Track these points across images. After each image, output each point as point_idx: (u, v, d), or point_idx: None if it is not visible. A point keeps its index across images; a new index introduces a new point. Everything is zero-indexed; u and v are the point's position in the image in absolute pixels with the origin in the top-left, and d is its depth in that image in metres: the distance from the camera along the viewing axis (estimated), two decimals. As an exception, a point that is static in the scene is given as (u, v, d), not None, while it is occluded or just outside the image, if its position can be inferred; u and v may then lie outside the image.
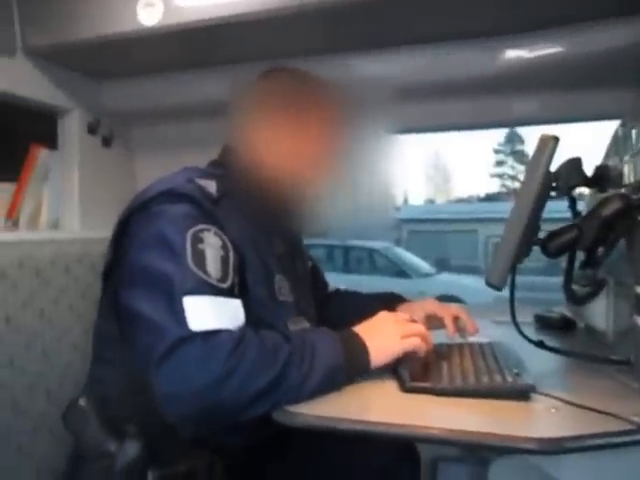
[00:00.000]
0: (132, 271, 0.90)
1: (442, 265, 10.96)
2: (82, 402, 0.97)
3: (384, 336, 0.93)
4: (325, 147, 1.10)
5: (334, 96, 1.13)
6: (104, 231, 1.05)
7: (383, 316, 0.98)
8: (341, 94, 1.14)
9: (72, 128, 1.54)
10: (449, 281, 8.40)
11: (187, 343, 0.78)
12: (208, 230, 0.90)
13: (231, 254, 0.91)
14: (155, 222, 0.90)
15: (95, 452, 0.93)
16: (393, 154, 1.22)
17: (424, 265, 9.47)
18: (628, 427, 0.73)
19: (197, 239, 0.88)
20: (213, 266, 0.87)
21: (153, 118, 1.69)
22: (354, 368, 0.90)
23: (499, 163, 30.05)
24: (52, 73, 1.43)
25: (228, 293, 0.87)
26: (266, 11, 1.16)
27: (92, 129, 1.58)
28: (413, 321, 1.00)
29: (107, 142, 1.65)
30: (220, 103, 1.48)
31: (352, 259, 9.34)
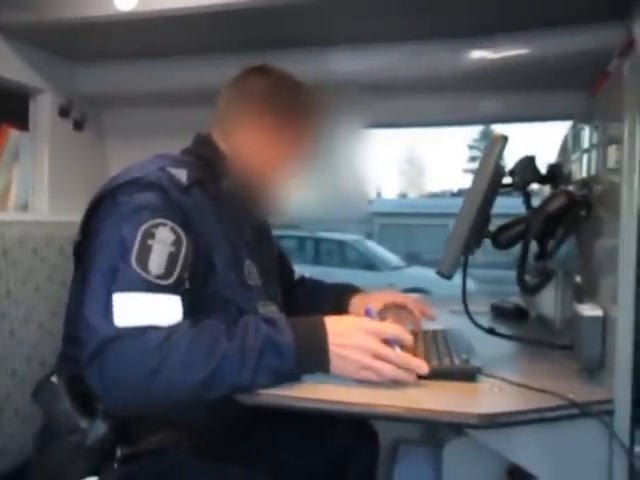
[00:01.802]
0: (88, 263, 0.94)
1: (413, 259, 11.07)
2: (54, 379, 0.99)
3: (351, 360, 0.87)
4: (299, 143, 1.15)
5: (310, 96, 1.18)
6: (73, 215, 1.07)
7: (366, 339, 0.88)
8: (317, 94, 1.19)
9: (43, 110, 1.53)
10: (418, 274, 8.49)
11: (113, 342, 0.81)
12: (163, 225, 0.92)
13: (183, 249, 0.93)
14: (116, 214, 0.94)
15: (66, 428, 0.96)
16: (366, 148, 1.26)
17: (394, 258, 9.56)
18: (563, 403, 0.80)
19: (148, 234, 0.90)
20: (156, 263, 0.89)
21: (126, 103, 1.69)
22: (308, 372, 0.88)
23: (473, 159, 30.35)
24: (25, 52, 1.42)
25: (169, 289, 0.89)
26: (243, 2, 1.18)
27: (64, 112, 1.57)
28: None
29: (79, 126, 1.64)
30: (193, 91, 1.50)
31: (323, 251, 9.38)
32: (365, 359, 0.86)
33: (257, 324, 0.88)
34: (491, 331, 1.07)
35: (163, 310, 0.87)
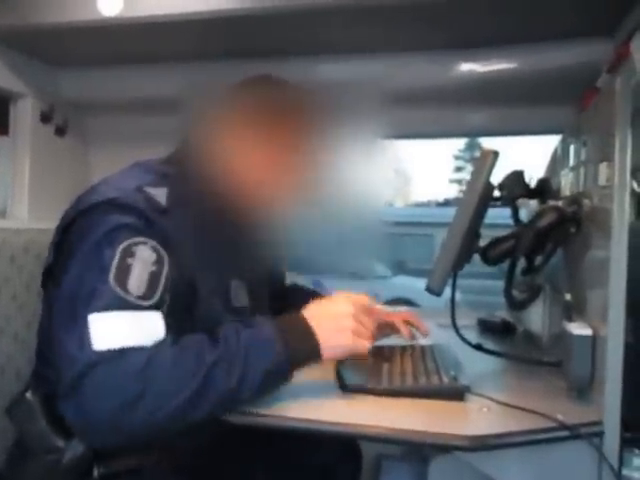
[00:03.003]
0: (63, 285, 0.87)
1: (398, 268, 11.07)
2: (29, 396, 0.95)
3: (337, 329, 0.88)
4: (294, 162, 1.08)
5: (311, 111, 1.11)
6: (53, 222, 1.03)
7: (342, 304, 0.91)
8: (317, 108, 1.12)
9: (25, 115, 1.50)
10: (404, 284, 8.50)
11: (92, 371, 0.76)
12: (144, 243, 0.88)
13: (165, 269, 0.88)
14: (93, 233, 0.87)
15: (41, 447, 0.92)
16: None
17: (380, 267, 9.57)
18: (552, 424, 0.79)
19: (128, 253, 0.85)
20: (136, 282, 0.84)
21: (110, 109, 1.66)
22: (300, 363, 0.87)
23: (458, 169, 30.66)
24: (6, 57, 1.39)
25: (149, 309, 0.84)
26: (228, 10, 1.16)
27: (46, 117, 1.54)
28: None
29: (61, 131, 1.61)
30: (178, 99, 1.48)
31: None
32: (354, 322, 0.89)
33: (236, 328, 0.87)
34: (479, 347, 1.06)
35: (146, 328, 0.83)
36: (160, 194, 0.95)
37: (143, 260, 0.86)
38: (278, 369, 0.85)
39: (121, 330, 0.80)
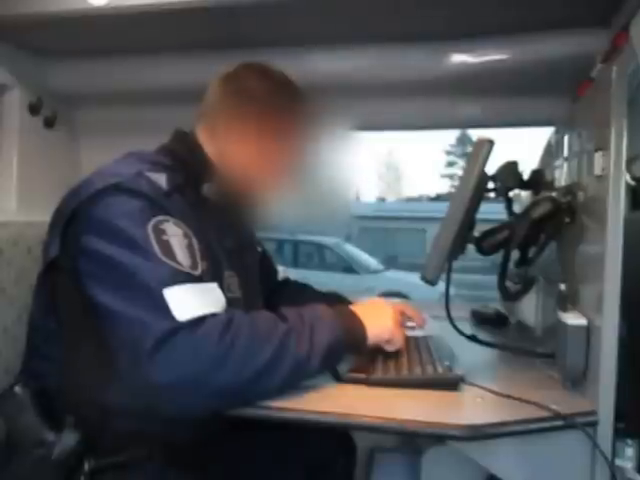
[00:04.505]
0: (97, 269, 0.87)
1: (391, 262, 11.12)
2: (18, 390, 0.94)
3: (379, 315, 1.00)
4: (293, 150, 1.12)
5: (306, 102, 1.14)
6: (42, 215, 1.02)
7: (379, 300, 1.07)
8: (311, 99, 1.15)
9: (12, 107, 1.47)
10: (396, 278, 8.52)
11: (176, 334, 0.77)
12: (167, 221, 0.88)
13: (194, 241, 0.90)
14: (111, 217, 0.87)
15: (31, 441, 0.91)
16: (351, 151, 1.23)
17: (372, 262, 9.58)
18: (546, 414, 0.78)
19: (159, 231, 0.86)
20: (182, 255, 0.86)
21: (100, 101, 1.64)
22: (353, 342, 0.94)
23: (450, 164, 30.75)
24: (-8, 48, 1.37)
25: (202, 279, 0.86)
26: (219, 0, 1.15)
27: (34, 109, 1.52)
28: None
29: (50, 123, 1.58)
30: (169, 89, 1.46)
31: (302, 254, 9.35)
32: (393, 313, 1.01)
33: (296, 309, 0.92)
34: (473, 338, 1.06)
35: (212, 297, 0.86)
36: (160, 179, 0.95)
37: (175, 235, 0.88)
38: (338, 346, 0.90)
39: (195, 301, 0.82)
